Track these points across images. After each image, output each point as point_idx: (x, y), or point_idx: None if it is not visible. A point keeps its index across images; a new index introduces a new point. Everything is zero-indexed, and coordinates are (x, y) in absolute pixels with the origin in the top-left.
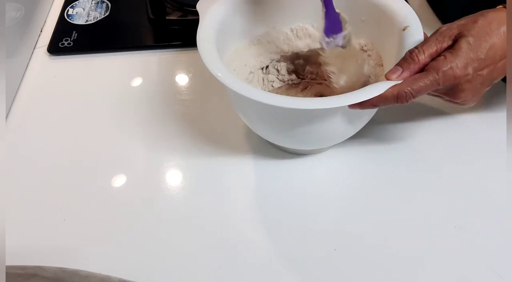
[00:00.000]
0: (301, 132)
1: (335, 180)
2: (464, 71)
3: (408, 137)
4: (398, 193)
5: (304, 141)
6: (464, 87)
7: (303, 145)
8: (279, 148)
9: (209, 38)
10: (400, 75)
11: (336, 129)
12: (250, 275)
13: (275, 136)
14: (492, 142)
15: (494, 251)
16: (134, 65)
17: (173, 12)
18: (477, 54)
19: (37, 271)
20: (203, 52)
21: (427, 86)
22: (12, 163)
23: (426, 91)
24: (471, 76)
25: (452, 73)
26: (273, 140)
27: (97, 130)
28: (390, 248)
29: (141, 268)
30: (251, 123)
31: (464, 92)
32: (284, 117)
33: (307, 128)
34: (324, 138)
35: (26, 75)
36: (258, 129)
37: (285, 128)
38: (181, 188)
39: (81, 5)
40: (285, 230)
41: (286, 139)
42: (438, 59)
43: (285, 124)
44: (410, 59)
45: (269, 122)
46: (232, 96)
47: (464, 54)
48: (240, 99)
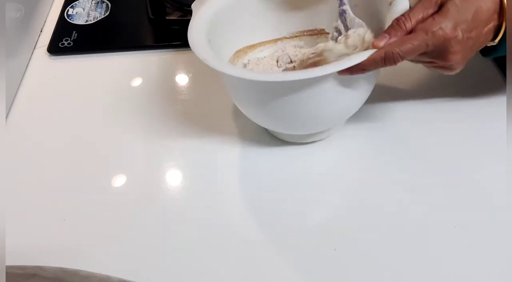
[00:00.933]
0: (295, 111)
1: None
2: (454, 32)
3: (409, 132)
4: (398, 192)
5: (300, 121)
6: (454, 48)
7: (301, 127)
8: (282, 141)
9: (200, 29)
10: (387, 42)
11: (327, 106)
12: (250, 275)
13: (270, 120)
14: (493, 142)
15: (494, 251)
16: (134, 65)
17: (173, 12)
18: (465, 16)
19: (37, 271)
20: (192, 40)
21: (415, 47)
22: (12, 163)
23: (414, 53)
24: (461, 37)
25: (442, 33)
26: (269, 125)
27: (97, 130)
28: (389, 247)
29: (141, 268)
30: (245, 107)
31: (455, 55)
32: (275, 94)
33: (300, 104)
34: (317, 117)
35: (26, 75)
36: (253, 114)
37: (279, 108)
38: (181, 187)
39: (81, 5)
40: (286, 227)
41: (282, 122)
42: (427, 21)
43: (278, 102)
44: (397, 26)
45: (262, 103)
46: (225, 81)
47: (452, 15)
48: (230, 81)
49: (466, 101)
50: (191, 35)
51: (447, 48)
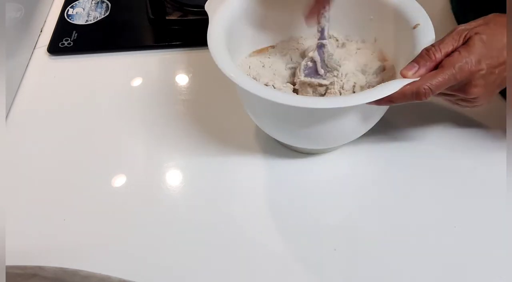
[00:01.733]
0: (315, 132)
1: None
2: (478, 66)
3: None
4: (398, 192)
5: (317, 140)
6: (477, 82)
7: (315, 144)
8: (287, 147)
9: (220, 39)
10: (416, 72)
11: (349, 128)
12: (251, 275)
13: (288, 137)
14: (493, 142)
15: (494, 251)
16: (134, 65)
17: (173, 12)
18: (490, 51)
19: (37, 271)
20: (214, 52)
21: (445, 82)
22: (12, 163)
23: (444, 87)
24: (485, 72)
25: (468, 68)
26: (285, 140)
27: (97, 130)
28: (389, 247)
29: (141, 268)
30: (263, 123)
31: (477, 88)
32: (299, 117)
33: (322, 128)
34: (337, 137)
35: (26, 75)
36: (270, 130)
37: (299, 128)
38: (181, 188)
39: (81, 5)
40: (291, 230)
41: (299, 139)
42: (453, 55)
43: (299, 124)
44: (426, 56)
45: (282, 122)
46: (243, 96)
47: (477, 50)
48: (252, 98)
49: None
50: (212, 46)
51: (470, 82)
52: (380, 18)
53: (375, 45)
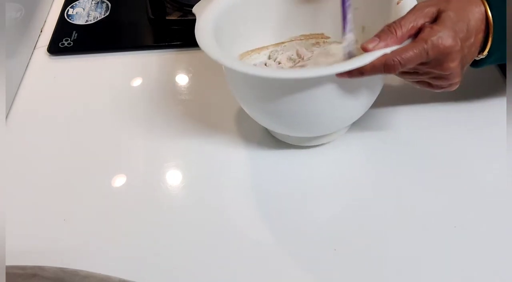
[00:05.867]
0: (295, 111)
1: (335, 175)
2: (453, 41)
3: (412, 134)
4: (398, 191)
5: (301, 122)
6: (454, 56)
7: (302, 128)
8: (283, 142)
9: (207, 30)
10: (376, 45)
11: (329, 108)
12: (250, 275)
13: (271, 119)
14: (493, 142)
15: (494, 250)
16: (134, 65)
17: (173, 12)
18: (460, 26)
19: (37, 271)
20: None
21: (416, 56)
22: (12, 163)
23: (414, 62)
24: (459, 47)
25: (441, 42)
26: (270, 124)
27: (97, 130)
28: (389, 247)
29: (141, 268)
30: (248, 104)
31: (454, 63)
32: (278, 91)
33: (300, 104)
34: (319, 120)
35: (26, 75)
36: (255, 112)
37: (280, 106)
38: (181, 188)
39: (81, 5)
40: (286, 228)
41: (283, 121)
42: (425, 30)
43: (279, 100)
44: (388, 31)
45: (264, 100)
46: (229, 79)
47: (449, 25)
48: (232, 75)
49: (465, 103)
50: (199, 35)
51: (446, 57)
52: (365, 4)
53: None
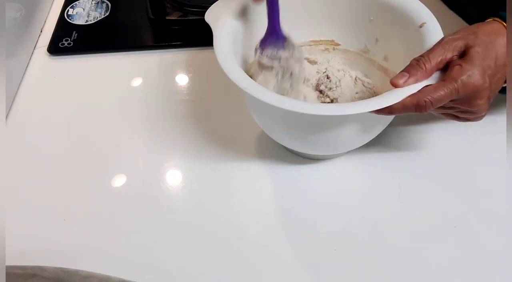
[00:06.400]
0: (317, 138)
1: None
2: (482, 79)
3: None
4: (399, 193)
5: (320, 146)
6: (482, 94)
7: (318, 150)
8: (288, 150)
9: (227, 48)
10: (406, 81)
11: (351, 135)
12: (250, 275)
13: (291, 141)
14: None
15: (494, 250)
16: (134, 65)
17: (173, 12)
18: (488, 63)
19: (37, 271)
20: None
21: (446, 95)
22: (12, 163)
23: (445, 101)
24: (488, 84)
25: (471, 81)
26: (288, 145)
27: (97, 131)
28: (389, 247)
29: (141, 268)
30: (267, 128)
31: (482, 100)
32: (302, 123)
33: (324, 134)
34: (339, 144)
35: (26, 75)
36: (274, 134)
37: (302, 134)
38: (181, 188)
39: (81, 5)
40: (291, 233)
41: (301, 144)
42: (454, 69)
43: (303, 129)
44: (417, 66)
45: (286, 127)
46: (250, 101)
47: (478, 62)
48: (258, 104)
49: None
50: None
51: (475, 95)
52: (381, 19)
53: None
